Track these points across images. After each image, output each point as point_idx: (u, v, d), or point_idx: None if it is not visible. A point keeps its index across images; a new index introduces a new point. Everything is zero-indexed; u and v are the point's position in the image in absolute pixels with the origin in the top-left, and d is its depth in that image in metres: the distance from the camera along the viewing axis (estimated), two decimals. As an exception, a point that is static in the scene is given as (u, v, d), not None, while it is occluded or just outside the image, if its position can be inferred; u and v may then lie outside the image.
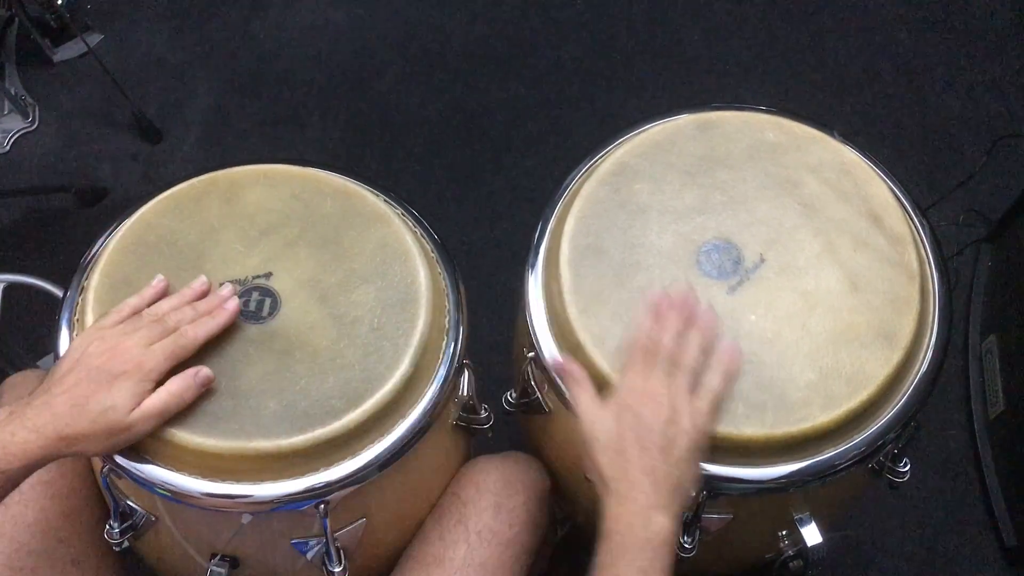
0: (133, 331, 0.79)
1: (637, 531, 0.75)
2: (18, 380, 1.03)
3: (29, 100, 1.91)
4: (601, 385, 0.86)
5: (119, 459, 0.81)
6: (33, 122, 1.90)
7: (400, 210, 0.97)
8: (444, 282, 0.94)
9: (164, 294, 0.86)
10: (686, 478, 0.79)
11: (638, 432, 0.77)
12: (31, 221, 1.78)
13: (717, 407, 0.81)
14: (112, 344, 0.78)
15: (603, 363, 0.86)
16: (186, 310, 0.83)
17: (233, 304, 0.85)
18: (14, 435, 0.73)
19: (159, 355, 0.78)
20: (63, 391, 0.75)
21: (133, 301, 0.84)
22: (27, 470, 0.74)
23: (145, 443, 0.81)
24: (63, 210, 1.79)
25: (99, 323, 0.82)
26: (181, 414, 0.80)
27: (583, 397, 0.83)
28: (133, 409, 0.76)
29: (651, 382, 0.80)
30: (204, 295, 0.86)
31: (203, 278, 0.87)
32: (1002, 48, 1.98)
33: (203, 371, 0.80)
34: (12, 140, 1.87)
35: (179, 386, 0.78)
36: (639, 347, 0.82)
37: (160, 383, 0.78)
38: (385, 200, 0.96)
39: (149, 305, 0.84)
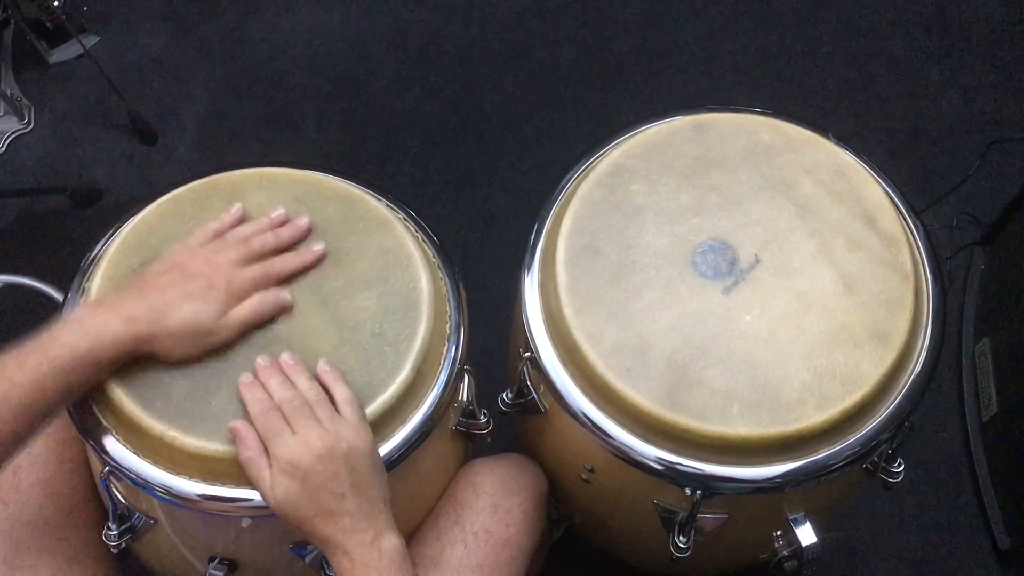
0: (223, 249, 0.85)
1: (377, 564, 0.76)
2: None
3: (25, 101, 1.91)
4: (598, 386, 0.87)
5: (119, 460, 0.81)
6: (28, 123, 1.89)
7: (402, 214, 0.97)
8: (445, 287, 0.94)
9: (241, 221, 0.90)
10: (383, 487, 0.80)
11: (329, 482, 0.76)
12: (26, 222, 1.78)
13: (360, 410, 0.81)
14: (206, 258, 0.84)
15: (599, 363, 0.86)
16: (269, 236, 0.88)
17: (320, 248, 0.90)
18: (108, 323, 0.77)
19: (248, 277, 0.84)
20: (158, 288, 0.80)
21: (214, 225, 0.89)
22: (116, 359, 0.78)
23: (145, 445, 0.81)
24: (58, 211, 1.78)
25: (186, 243, 0.87)
26: (183, 417, 0.80)
27: (264, 474, 0.77)
28: (219, 318, 0.81)
29: (302, 434, 0.77)
30: (281, 225, 0.90)
31: (281, 210, 0.91)
32: (995, 52, 1.99)
33: (283, 295, 0.86)
34: (7, 141, 1.86)
35: (260, 302, 0.84)
36: (261, 419, 0.79)
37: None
38: (387, 204, 0.96)
39: (229, 229, 0.89)
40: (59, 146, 1.88)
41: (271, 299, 0.85)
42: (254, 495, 0.80)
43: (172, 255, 0.84)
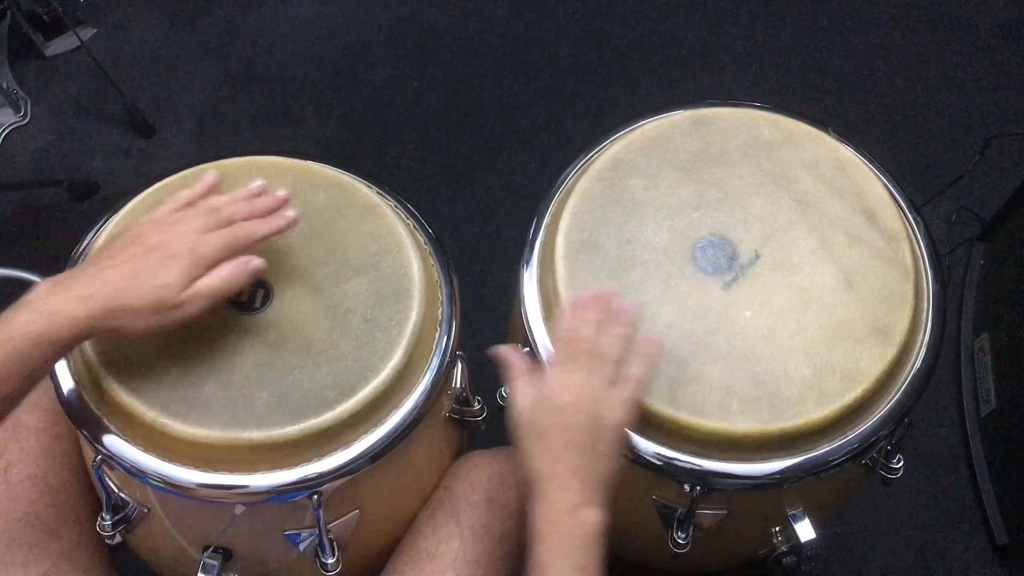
0: (189, 218, 0.80)
1: (569, 529, 0.74)
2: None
3: (21, 94, 1.90)
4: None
5: (111, 449, 0.81)
6: (25, 116, 1.89)
7: (393, 202, 0.97)
8: (437, 274, 0.94)
9: (215, 190, 0.87)
10: (611, 470, 0.78)
11: (566, 429, 0.75)
12: (22, 215, 1.78)
13: (637, 395, 0.80)
14: (168, 226, 0.79)
15: (598, 358, 0.86)
16: (242, 204, 0.84)
17: (292, 214, 0.85)
18: (61, 304, 0.72)
19: (214, 243, 0.79)
20: (115, 264, 0.76)
21: (187, 193, 0.84)
22: (74, 339, 0.73)
23: (138, 433, 0.81)
24: (55, 204, 1.78)
25: (153, 214, 0.82)
26: (175, 404, 0.80)
27: (523, 390, 0.79)
28: (184, 289, 0.76)
29: (573, 376, 0.77)
30: (258, 196, 0.86)
31: (260, 180, 0.87)
32: (995, 47, 1.99)
33: (254, 261, 0.81)
34: (3, 134, 1.86)
35: (230, 271, 0.79)
36: (561, 341, 0.80)
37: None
38: (378, 192, 0.96)
39: (202, 198, 0.85)
40: (55, 139, 1.88)
41: (242, 266, 0.80)
42: (248, 481, 0.80)
43: (135, 229, 0.80)
